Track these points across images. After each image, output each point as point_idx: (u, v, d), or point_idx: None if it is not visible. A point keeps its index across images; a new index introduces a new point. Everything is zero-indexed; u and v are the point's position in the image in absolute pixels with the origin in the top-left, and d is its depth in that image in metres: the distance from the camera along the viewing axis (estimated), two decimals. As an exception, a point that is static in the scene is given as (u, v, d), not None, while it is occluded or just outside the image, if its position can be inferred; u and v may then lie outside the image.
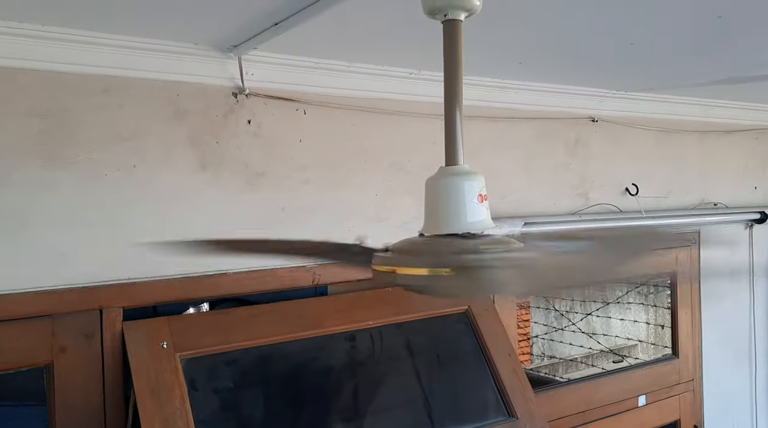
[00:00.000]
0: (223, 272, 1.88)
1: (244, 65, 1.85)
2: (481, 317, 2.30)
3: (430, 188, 1.08)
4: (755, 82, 2.50)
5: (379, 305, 2.15)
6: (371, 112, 2.15)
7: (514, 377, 2.23)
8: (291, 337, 1.94)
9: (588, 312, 7.13)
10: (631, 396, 2.91)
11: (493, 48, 1.91)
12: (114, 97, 1.72)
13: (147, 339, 1.71)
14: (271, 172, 1.97)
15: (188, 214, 1.82)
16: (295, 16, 1.46)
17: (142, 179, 1.76)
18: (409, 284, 1.01)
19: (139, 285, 1.75)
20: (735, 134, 3.32)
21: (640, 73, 2.38)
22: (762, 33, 1.78)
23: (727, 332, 3.37)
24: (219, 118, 1.88)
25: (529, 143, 2.60)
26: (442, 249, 1.00)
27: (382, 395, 2.03)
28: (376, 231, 2.14)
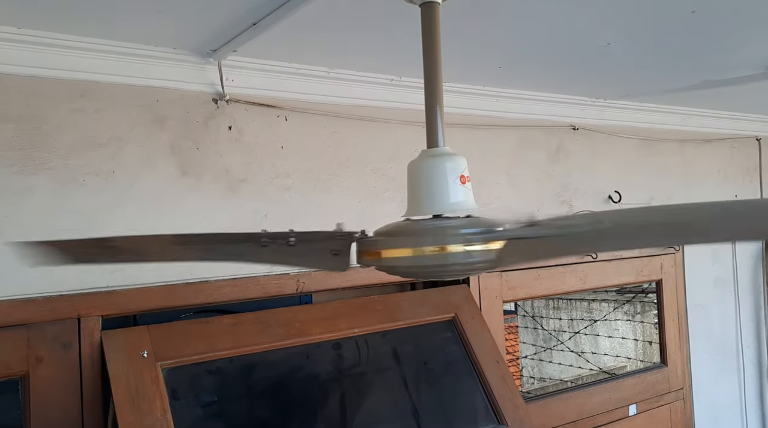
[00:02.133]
0: (205, 279, 1.85)
1: (224, 71, 1.85)
2: (468, 324, 2.28)
3: (412, 171, 1.07)
4: (731, 85, 2.54)
5: (364, 313, 2.12)
6: (353, 118, 2.15)
7: (502, 384, 2.20)
8: (275, 346, 1.90)
9: (576, 330, 7.12)
10: (622, 406, 2.89)
11: (471, 50, 1.92)
12: (91, 102, 1.70)
13: (127, 348, 1.67)
14: (253, 178, 1.95)
15: (169, 221, 1.79)
16: (272, 14, 1.46)
17: (121, 185, 1.74)
18: (393, 266, 0.99)
19: (119, 293, 1.71)
20: (714, 143, 3.36)
21: (617, 78, 2.41)
22: (735, 29, 1.82)
23: (715, 340, 3.37)
24: (199, 124, 1.87)
25: (512, 151, 2.61)
26: (426, 229, 0.99)
27: (369, 404, 1.99)
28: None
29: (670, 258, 3.16)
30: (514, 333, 7.84)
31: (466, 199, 1.04)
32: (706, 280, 3.35)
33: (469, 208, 1.05)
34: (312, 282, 2.05)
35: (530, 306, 7.47)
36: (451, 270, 0.98)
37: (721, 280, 3.42)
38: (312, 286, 2.06)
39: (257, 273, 1.94)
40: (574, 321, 7.15)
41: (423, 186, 1.05)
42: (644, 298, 6.15)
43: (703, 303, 3.31)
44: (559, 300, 7.18)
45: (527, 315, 7.59)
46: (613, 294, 6.53)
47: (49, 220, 1.63)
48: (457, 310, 2.29)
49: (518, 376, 7.43)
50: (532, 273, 2.64)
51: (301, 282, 2.03)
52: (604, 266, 2.88)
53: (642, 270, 3.05)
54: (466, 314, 2.31)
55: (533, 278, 2.64)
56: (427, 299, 2.29)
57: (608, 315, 6.69)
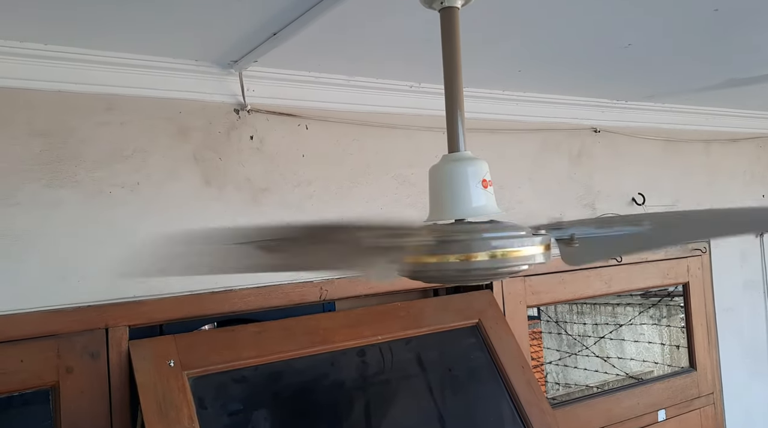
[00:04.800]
0: (230, 288, 1.86)
1: (245, 81, 1.87)
2: (492, 330, 2.26)
3: (434, 176, 1.07)
4: (756, 83, 2.49)
5: (388, 320, 2.11)
6: (373, 125, 2.16)
7: (528, 390, 2.18)
8: (300, 353, 1.90)
9: (601, 335, 7.02)
10: (651, 411, 2.84)
11: (491, 55, 1.92)
12: (116, 115, 1.73)
13: (154, 358, 1.69)
14: (275, 187, 1.97)
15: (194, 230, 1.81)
16: (291, 24, 1.48)
17: (147, 196, 1.76)
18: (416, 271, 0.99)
19: (145, 303, 1.73)
20: (740, 142, 3.31)
21: (639, 79, 2.38)
22: (759, 26, 1.79)
23: (745, 344, 3.30)
24: (221, 135, 1.89)
25: (533, 154, 2.59)
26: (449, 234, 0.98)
27: (395, 411, 1.99)
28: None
29: (696, 261, 3.11)
30: (537, 338, 7.76)
31: (488, 203, 1.03)
32: (735, 283, 3.28)
33: (492, 212, 1.05)
34: (335, 289, 2.06)
35: (554, 311, 7.39)
36: (475, 275, 0.98)
37: (751, 282, 3.35)
38: (335, 294, 2.06)
39: (281, 281, 1.95)
40: (598, 325, 7.05)
41: (445, 190, 1.05)
42: (670, 302, 6.05)
43: (732, 307, 3.25)
44: (583, 305, 7.09)
45: (551, 321, 7.51)
46: (638, 298, 6.43)
47: (76, 231, 1.66)
48: (481, 316, 2.28)
49: (543, 382, 7.34)
50: (556, 277, 2.61)
51: (324, 289, 2.03)
52: (629, 269, 2.85)
53: (668, 273, 3.01)
54: (490, 319, 2.29)
55: (557, 282, 2.62)
56: (450, 305, 2.28)
57: (633, 320, 6.59)
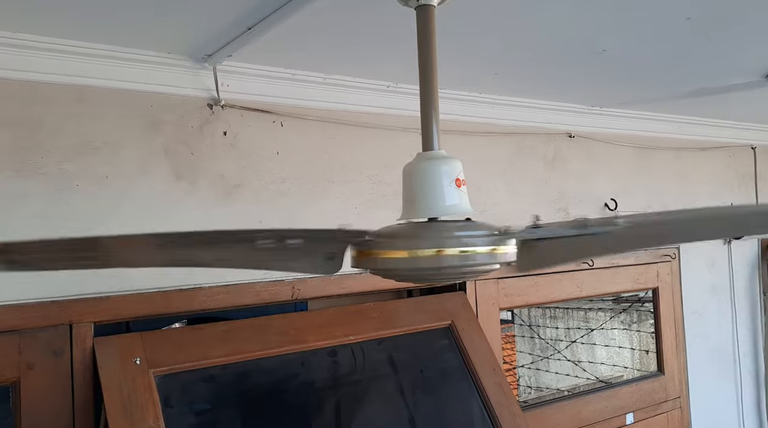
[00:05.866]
0: (199, 286, 1.83)
1: (220, 76, 1.84)
2: (464, 331, 2.27)
3: (408, 174, 1.07)
4: (726, 93, 2.54)
5: (360, 320, 2.10)
6: (349, 124, 2.15)
7: (499, 392, 2.18)
8: (270, 353, 1.88)
9: (573, 340, 7.10)
10: (619, 414, 2.87)
11: (467, 57, 1.92)
12: (86, 107, 1.69)
13: (119, 355, 1.65)
14: (248, 183, 1.94)
15: (164, 226, 1.78)
16: (267, 19, 1.46)
17: (116, 190, 1.72)
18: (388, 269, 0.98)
19: (111, 299, 1.70)
20: (710, 151, 3.37)
21: (613, 85, 2.41)
22: (730, 36, 1.82)
23: (712, 348, 3.36)
24: (194, 130, 1.86)
25: (508, 158, 2.61)
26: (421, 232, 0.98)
27: (365, 412, 1.97)
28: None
29: (666, 266, 3.16)
30: (511, 342, 7.81)
31: (462, 203, 1.03)
32: (703, 288, 3.34)
33: (465, 211, 1.04)
34: (307, 289, 2.04)
35: (527, 315, 7.46)
36: (446, 274, 0.98)
37: (718, 288, 3.42)
38: (307, 293, 2.04)
39: (252, 279, 1.92)
40: (570, 330, 7.13)
41: (418, 189, 1.04)
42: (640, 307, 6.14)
43: (700, 311, 3.31)
44: (556, 310, 7.16)
45: (524, 325, 7.57)
46: (609, 303, 6.51)
47: (43, 224, 1.62)
48: (454, 317, 2.28)
49: (515, 385, 7.39)
50: (528, 280, 2.63)
51: (296, 288, 2.01)
52: (600, 273, 2.88)
53: (638, 278, 3.05)
54: (463, 321, 2.29)
55: (530, 285, 2.63)
56: (423, 306, 2.28)
57: (604, 324, 6.67)
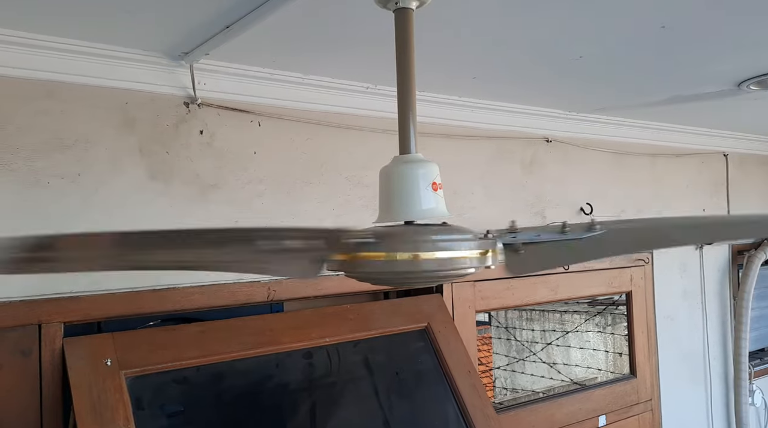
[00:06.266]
0: (173, 286, 1.81)
1: (197, 74, 1.82)
2: (440, 334, 2.27)
3: (384, 177, 1.06)
4: (699, 100, 2.59)
5: (336, 322, 2.09)
6: (328, 125, 2.14)
7: (474, 394, 2.19)
8: (245, 354, 1.86)
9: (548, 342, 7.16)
10: (592, 416, 2.90)
11: (446, 60, 1.93)
12: (57, 103, 1.66)
13: (89, 356, 1.62)
14: (224, 183, 1.92)
15: (137, 226, 1.75)
16: (245, 18, 1.44)
17: (87, 188, 1.69)
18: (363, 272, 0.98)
19: (82, 299, 1.66)
20: (684, 157, 3.42)
21: (590, 91, 2.44)
22: (704, 45, 1.85)
23: (683, 352, 3.41)
24: (169, 128, 1.83)
25: (486, 161, 2.62)
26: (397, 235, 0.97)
27: (340, 414, 1.97)
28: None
29: (639, 270, 3.20)
30: (488, 344, 7.85)
31: (438, 206, 1.03)
32: (675, 292, 3.39)
33: (441, 215, 1.04)
34: (283, 290, 2.02)
35: (504, 317, 7.50)
36: (422, 277, 0.97)
37: (689, 293, 3.47)
38: (283, 294, 2.03)
39: (227, 280, 1.90)
40: (546, 332, 7.19)
41: (395, 192, 1.04)
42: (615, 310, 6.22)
43: (672, 315, 3.36)
44: (532, 312, 7.22)
45: (501, 327, 7.62)
46: (584, 306, 6.59)
47: (11, 223, 1.58)
48: (430, 320, 2.28)
49: (491, 387, 7.44)
50: (504, 283, 2.64)
51: (272, 290, 2.00)
52: (575, 277, 2.90)
53: (612, 282, 3.08)
54: (439, 323, 2.30)
55: (506, 288, 2.65)
56: (399, 308, 2.28)
57: (580, 327, 6.74)
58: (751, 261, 3.60)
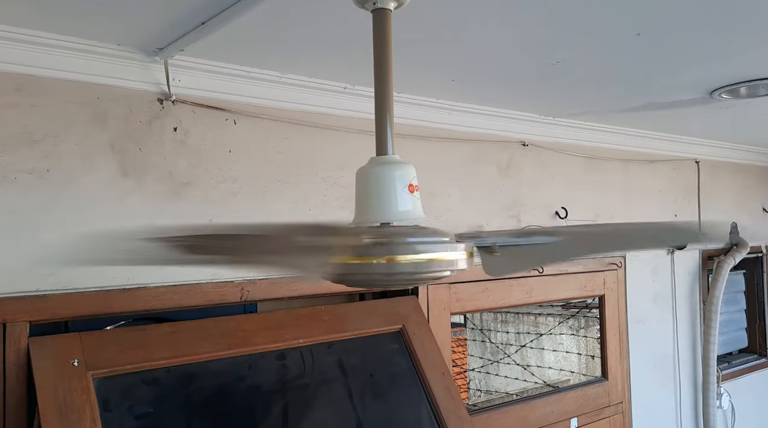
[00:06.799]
0: (144, 285, 1.78)
1: (171, 71, 1.79)
2: (415, 336, 2.26)
3: (361, 178, 1.06)
4: (672, 108, 2.63)
5: (310, 323, 2.08)
6: (304, 124, 2.12)
7: (447, 396, 2.19)
8: (216, 355, 1.84)
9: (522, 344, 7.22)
10: (564, 419, 2.92)
11: (425, 62, 1.93)
12: (26, 97, 1.61)
13: (56, 356, 1.58)
14: (198, 182, 1.89)
15: (107, 223, 1.72)
16: (221, 14, 1.42)
17: (57, 184, 1.65)
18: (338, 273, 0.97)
19: (49, 298, 1.62)
20: (656, 163, 3.47)
21: (565, 96, 2.46)
22: (677, 53, 1.88)
23: (653, 355, 3.46)
24: (143, 124, 1.80)
25: (463, 164, 2.63)
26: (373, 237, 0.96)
27: (313, 416, 1.95)
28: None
29: (612, 274, 3.24)
30: (462, 345, 7.89)
31: (414, 208, 1.02)
32: (646, 296, 3.44)
33: (417, 217, 1.04)
34: (257, 290, 2.00)
35: (479, 319, 7.54)
36: (398, 279, 0.97)
37: (661, 297, 3.52)
38: (257, 295, 2.01)
39: (199, 280, 1.87)
40: (521, 334, 7.25)
41: (371, 193, 1.03)
42: (588, 313, 6.29)
43: (643, 319, 3.40)
44: (507, 314, 7.27)
45: (476, 329, 7.65)
46: (558, 308, 6.65)
47: (-25, 219, 1.54)
48: (405, 321, 2.28)
49: (466, 389, 7.47)
50: (480, 285, 2.65)
51: (245, 290, 1.97)
52: (549, 280, 2.93)
53: (586, 285, 3.11)
54: (414, 325, 2.29)
55: (481, 291, 2.66)
56: (374, 310, 2.27)
57: (553, 330, 6.81)
58: (721, 267, 3.67)
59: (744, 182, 4.04)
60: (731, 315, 4.03)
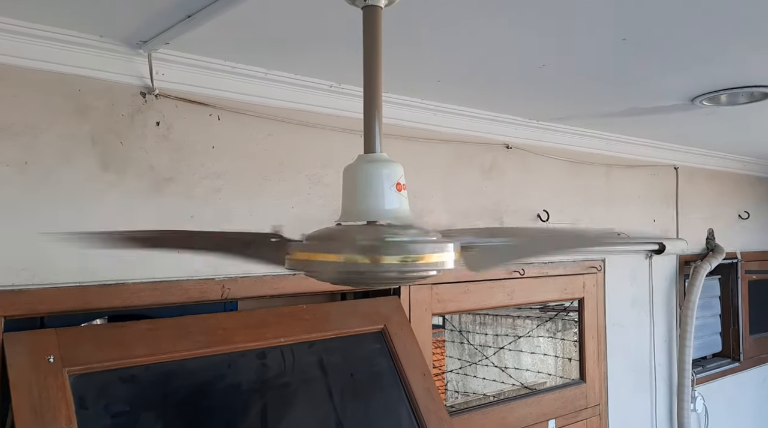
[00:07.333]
0: (123, 282, 1.75)
1: (155, 64, 1.77)
2: (397, 336, 2.26)
3: (348, 175, 1.05)
4: (653, 114, 2.66)
5: (291, 322, 2.06)
6: (289, 122, 2.11)
7: (428, 397, 2.19)
8: (196, 353, 1.81)
9: (501, 346, 7.26)
10: (542, 420, 2.94)
11: (411, 63, 1.92)
12: (6, 88, 1.58)
13: (31, 353, 1.55)
14: (181, 177, 1.87)
15: (86, 217, 1.69)
16: (208, 8, 1.41)
17: (35, 177, 1.62)
18: (323, 272, 0.96)
19: (24, 292, 1.59)
20: (636, 169, 3.51)
21: (550, 100, 2.48)
22: (661, 59, 1.90)
23: (631, 359, 3.50)
24: (125, 118, 1.77)
25: (447, 165, 2.63)
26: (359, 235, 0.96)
27: (292, 416, 1.93)
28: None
29: (592, 278, 3.26)
30: (441, 347, 7.90)
31: (401, 207, 1.02)
32: (625, 300, 3.47)
33: (405, 216, 1.03)
34: (238, 288, 1.98)
35: (458, 321, 7.57)
36: (384, 278, 0.96)
37: (638, 301, 3.56)
38: (238, 293, 1.98)
39: (180, 276, 1.85)
40: (499, 336, 7.29)
41: (358, 191, 1.02)
42: (565, 316, 6.35)
43: (621, 323, 3.44)
44: (485, 316, 7.31)
45: (454, 330, 7.68)
46: (536, 311, 6.70)
47: (-51, 211, 1.50)
48: (387, 322, 2.27)
49: (443, 390, 7.48)
50: (461, 287, 2.65)
51: (226, 288, 1.95)
52: (530, 283, 2.94)
53: (566, 288, 3.14)
54: (396, 326, 2.29)
55: (462, 292, 2.66)
56: (356, 309, 2.26)
57: (531, 332, 6.86)
58: (697, 272, 3.72)
59: (720, 189, 4.10)
60: (706, 319, 4.10)
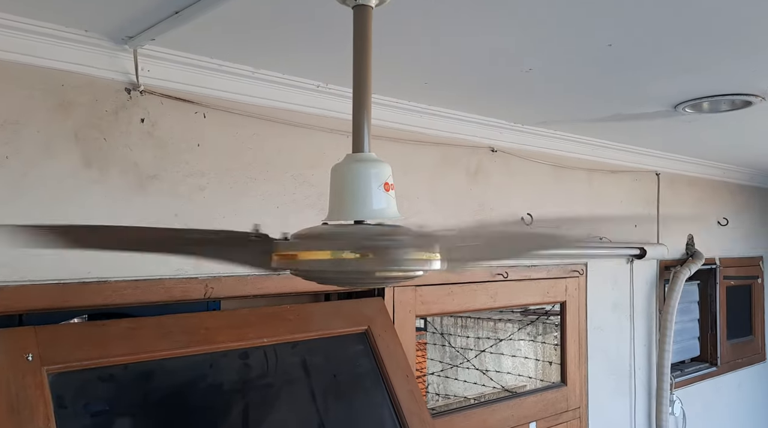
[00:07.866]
0: (104, 280, 1.72)
1: (140, 60, 1.75)
2: (380, 338, 2.26)
3: (336, 175, 1.04)
4: (637, 120, 2.69)
5: (275, 322, 2.05)
6: (276, 121, 2.10)
7: (411, 399, 2.19)
8: (177, 353, 1.79)
9: (482, 349, 7.29)
10: (523, 423, 2.95)
11: (398, 64, 1.93)
12: (-13, 80, 1.55)
13: (8, 350, 1.52)
14: (165, 175, 1.85)
15: (67, 214, 1.66)
16: (196, 4, 1.39)
17: (16, 172, 1.59)
18: (309, 270, 0.95)
19: (3, 289, 1.56)
20: (619, 174, 3.55)
21: (535, 104, 2.49)
22: (647, 65, 1.92)
23: (611, 362, 3.53)
24: (108, 114, 1.75)
25: (433, 167, 2.63)
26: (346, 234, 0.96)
27: (274, 417, 1.92)
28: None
29: (574, 281, 3.29)
30: (422, 349, 7.91)
31: (389, 207, 1.02)
32: (606, 304, 3.51)
33: (392, 216, 1.03)
34: (222, 287, 1.96)
35: (439, 323, 7.58)
36: (369, 279, 0.96)
37: (619, 305, 3.60)
38: (221, 292, 1.97)
39: (162, 275, 1.83)
40: (480, 339, 7.32)
41: (346, 190, 1.02)
42: (546, 320, 6.39)
43: (602, 326, 3.47)
44: (467, 319, 7.33)
45: (436, 333, 7.69)
46: (517, 315, 6.74)
47: (-74, 205, 1.47)
48: (371, 323, 2.27)
49: (424, 392, 7.49)
50: (445, 288, 2.66)
51: (209, 287, 1.94)
52: (513, 285, 2.96)
53: (548, 292, 3.16)
54: (379, 327, 2.28)
55: (446, 294, 2.67)
56: (340, 310, 2.25)
57: (512, 336, 6.89)
58: (677, 277, 3.77)
59: (700, 195, 4.16)
60: (685, 324, 4.15)
